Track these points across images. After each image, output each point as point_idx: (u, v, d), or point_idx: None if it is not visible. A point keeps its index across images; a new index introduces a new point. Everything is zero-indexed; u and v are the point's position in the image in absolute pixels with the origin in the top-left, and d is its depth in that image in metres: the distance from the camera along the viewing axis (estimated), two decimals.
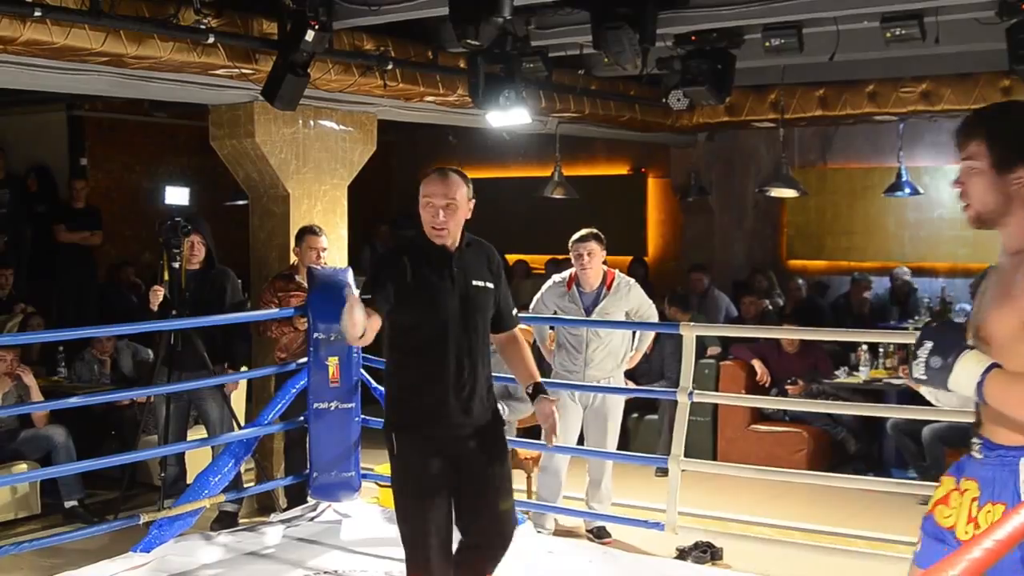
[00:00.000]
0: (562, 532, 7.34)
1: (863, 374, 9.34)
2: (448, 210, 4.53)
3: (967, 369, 2.77)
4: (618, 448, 7.74)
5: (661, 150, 13.78)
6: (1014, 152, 2.86)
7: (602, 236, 7.38)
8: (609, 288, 7.34)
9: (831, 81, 10.54)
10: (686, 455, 6.40)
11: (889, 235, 13.23)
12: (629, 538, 7.20)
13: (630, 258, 13.74)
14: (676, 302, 9.64)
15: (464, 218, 4.63)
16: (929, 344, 2.85)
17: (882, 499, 7.77)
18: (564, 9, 7.69)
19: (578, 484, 7.54)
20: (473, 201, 4.66)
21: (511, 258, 14.18)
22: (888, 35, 7.49)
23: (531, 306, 7.57)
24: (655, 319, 7.59)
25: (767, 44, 7.91)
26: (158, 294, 7.40)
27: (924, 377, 2.88)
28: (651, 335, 7.79)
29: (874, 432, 9.20)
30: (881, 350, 9.50)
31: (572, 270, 7.43)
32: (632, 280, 7.51)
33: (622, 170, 14.79)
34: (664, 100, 9.13)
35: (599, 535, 7.28)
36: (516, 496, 7.32)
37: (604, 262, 7.43)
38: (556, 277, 7.59)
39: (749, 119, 11.36)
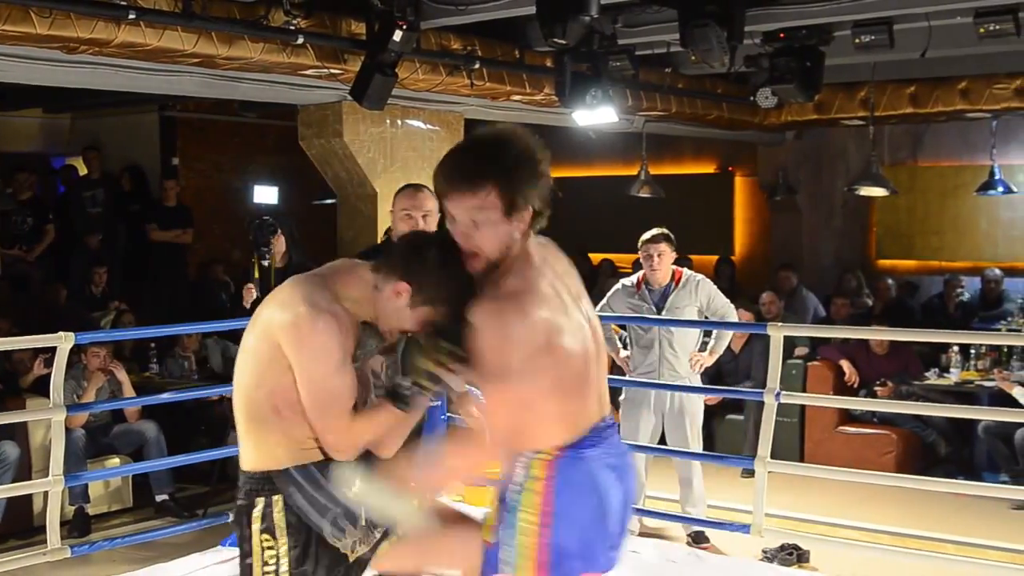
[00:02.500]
0: (647, 533, 7.31)
1: (954, 376, 9.19)
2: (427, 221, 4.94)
3: None
4: (703, 449, 7.68)
5: (748, 148, 13.67)
6: None
7: (672, 237, 7.29)
8: (677, 284, 7.27)
9: (922, 78, 10.38)
10: (772, 456, 6.34)
11: (981, 235, 12.98)
12: (714, 540, 7.15)
13: (716, 257, 13.65)
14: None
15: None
16: None
17: (972, 503, 7.64)
18: (651, 7, 7.66)
19: (669, 485, 7.51)
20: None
21: (596, 257, 14.16)
22: (981, 30, 7.36)
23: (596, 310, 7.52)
24: (733, 318, 7.48)
25: (857, 41, 7.82)
26: (251, 292, 7.50)
27: None
28: (728, 335, 7.62)
29: (965, 435, 9.05)
30: (973, 351, 9.34)
31: (641, 272, 7.39)
32: (702, 276, 7.39)
33: (709, 169, 14.69)
34: (752, 98, 9.07)
35: (697, 540, 7.18)
36: None
37: (675, 262, 7.37)
38: (625, 281, 7.54)
39: (838, 117, 11.23)
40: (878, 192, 11.40)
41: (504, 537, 3.13)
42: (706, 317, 7.29)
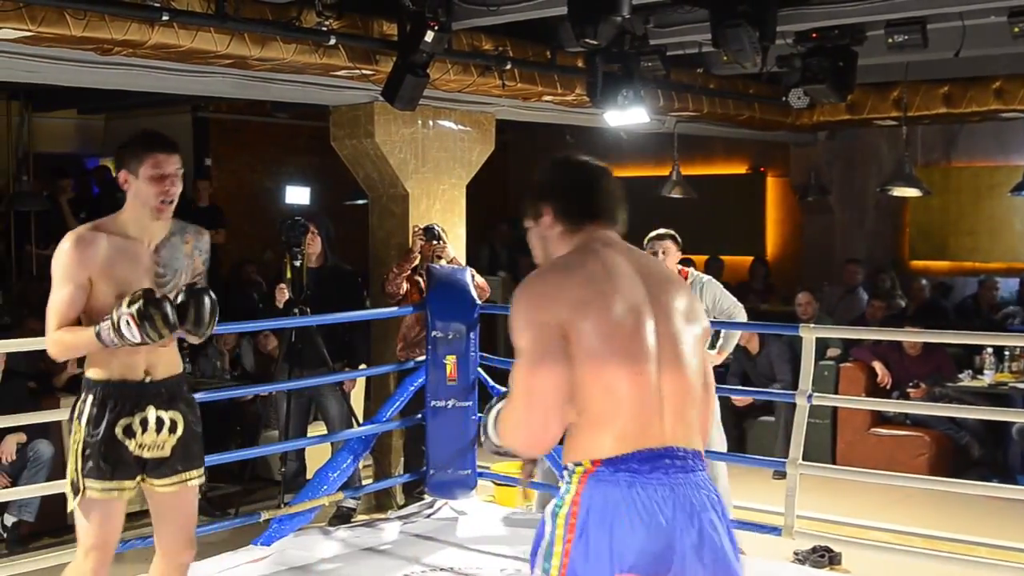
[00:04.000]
0: None
1: (988, 377, 9.13)
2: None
3: None
4: (734, 450, 7.66)
5: (780, 149, 13.63)
6: None
7: (678, 237, 7.20)
8: None
9: (956, 78, 10.31)
10: (804, 458, 6.32)
11: (1015, 235, 12.89)
12: (745, 542, 7.11)
13: (751, 258, 13.62)
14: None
15: None
16: None
17: (1006, 506, 7.59)
18: (683, 7, 7.64)
19: None
20: None
21: None
22: (1016, 30, 7.31)
23: None
24: (742, 318, 7.38)
25: (890, 41, 7.78)
26: (283, 292, 7.54)
27: None
28: (736, 335, 7.48)
29: (999, 437, 8.98)
30: (1007, 353, 9.27)
31: None
32: (709, 277, 7.30)
33: (741, 169, 14.65)
34: (784, 98, 9.04)
35: None
36: None
37: (682, 262, 7.32)
38: None
39: (871, 117, 11.18)
40: (911, 193, 11.34)
41: (537, 552, 2.90)
42: (714, 317, 7.23)
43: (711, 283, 7.21)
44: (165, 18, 5.97)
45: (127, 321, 3.93)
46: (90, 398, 4.20)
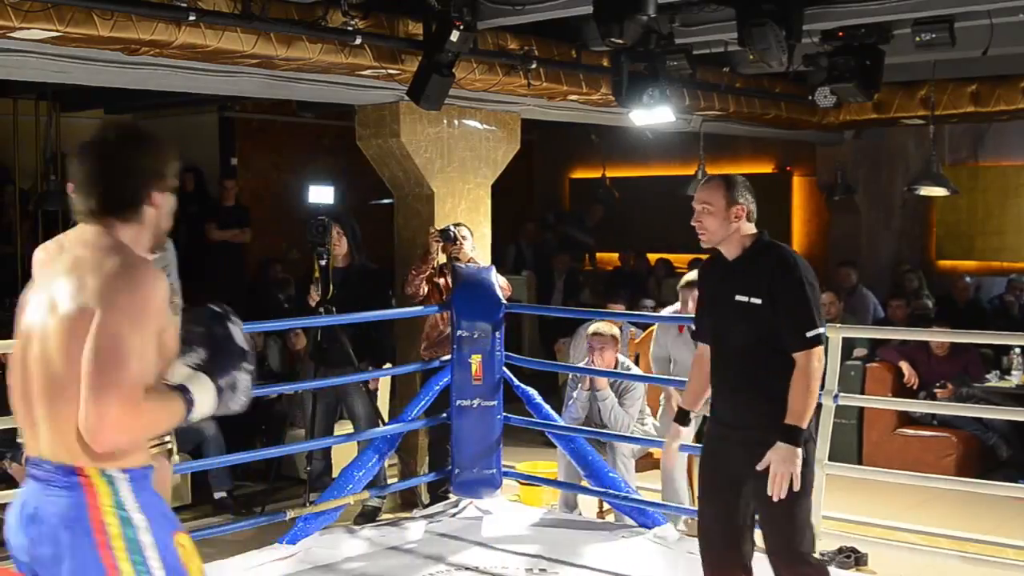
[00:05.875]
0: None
1: (1015, 378, 9.08)
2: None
3: None
4: None
5: (806, 148, 13.59)
6: None
7: None
8: None
9: (984, 76, 10.26)
10: (830, 458, 6.30)
11: None
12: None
13: None
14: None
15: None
16: None
17: None
18: (709, 6, 7.62)
19: None
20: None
21: (653, 257, 14.13)
22: None
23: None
24: None
25: (917, 39, 7.74)
26: (315, 292, 7.57)
27: None
28: None
29: None
30: None
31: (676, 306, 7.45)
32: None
33: (767, 168, 14.61)
34: (810, 97, 9.00)
35: None
36: (654, 497, 7.32)
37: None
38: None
39: (898, 116, 11.12)
40: (938, 192, 11.28)
41: None
42: None
43: None
44: (192, 18, 6.00)
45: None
46: None
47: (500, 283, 7.61)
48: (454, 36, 6.87)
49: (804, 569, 4.60)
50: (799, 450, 4.39)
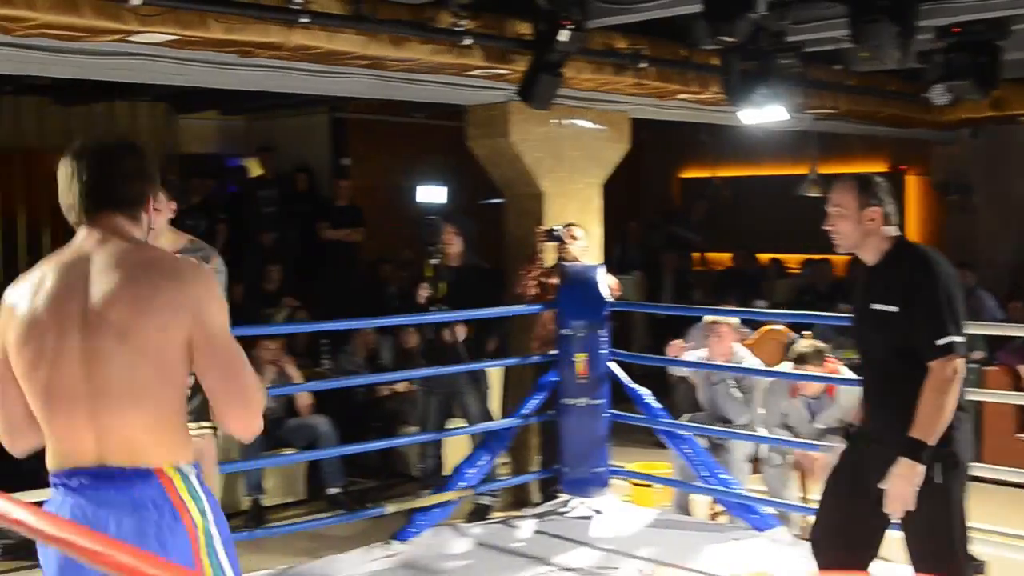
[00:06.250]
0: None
1: None
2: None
3: None
4: None
5: (921, 147, 13.35)
6: None
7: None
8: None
9: None
10: None
11: None
12: (883, 547, 6.99)
13: None
14: None
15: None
16: None
17: None
18: (820, 3, 7.54)
19: None
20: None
21: (764, 257, 13.99)
22: None
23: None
24: None
25: None
26: (425, 290, 7.65)
27: None
28: None
29: None
30: None
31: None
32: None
33: (879, 167, 14.35)
34: (924, 95, 8.85)
35: None
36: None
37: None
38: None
39: (1016, 114, 10.88)
40: None
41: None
42: None
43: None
44: (304, 20, 6.08)
45: None
46: None
47: (609, 283, 7.60)
48: (563, 36, 6.88)
49: None
50: (920, 467, 4.13)
